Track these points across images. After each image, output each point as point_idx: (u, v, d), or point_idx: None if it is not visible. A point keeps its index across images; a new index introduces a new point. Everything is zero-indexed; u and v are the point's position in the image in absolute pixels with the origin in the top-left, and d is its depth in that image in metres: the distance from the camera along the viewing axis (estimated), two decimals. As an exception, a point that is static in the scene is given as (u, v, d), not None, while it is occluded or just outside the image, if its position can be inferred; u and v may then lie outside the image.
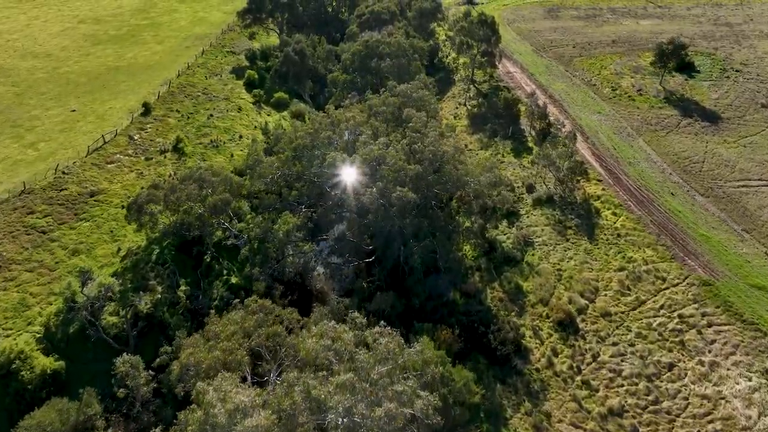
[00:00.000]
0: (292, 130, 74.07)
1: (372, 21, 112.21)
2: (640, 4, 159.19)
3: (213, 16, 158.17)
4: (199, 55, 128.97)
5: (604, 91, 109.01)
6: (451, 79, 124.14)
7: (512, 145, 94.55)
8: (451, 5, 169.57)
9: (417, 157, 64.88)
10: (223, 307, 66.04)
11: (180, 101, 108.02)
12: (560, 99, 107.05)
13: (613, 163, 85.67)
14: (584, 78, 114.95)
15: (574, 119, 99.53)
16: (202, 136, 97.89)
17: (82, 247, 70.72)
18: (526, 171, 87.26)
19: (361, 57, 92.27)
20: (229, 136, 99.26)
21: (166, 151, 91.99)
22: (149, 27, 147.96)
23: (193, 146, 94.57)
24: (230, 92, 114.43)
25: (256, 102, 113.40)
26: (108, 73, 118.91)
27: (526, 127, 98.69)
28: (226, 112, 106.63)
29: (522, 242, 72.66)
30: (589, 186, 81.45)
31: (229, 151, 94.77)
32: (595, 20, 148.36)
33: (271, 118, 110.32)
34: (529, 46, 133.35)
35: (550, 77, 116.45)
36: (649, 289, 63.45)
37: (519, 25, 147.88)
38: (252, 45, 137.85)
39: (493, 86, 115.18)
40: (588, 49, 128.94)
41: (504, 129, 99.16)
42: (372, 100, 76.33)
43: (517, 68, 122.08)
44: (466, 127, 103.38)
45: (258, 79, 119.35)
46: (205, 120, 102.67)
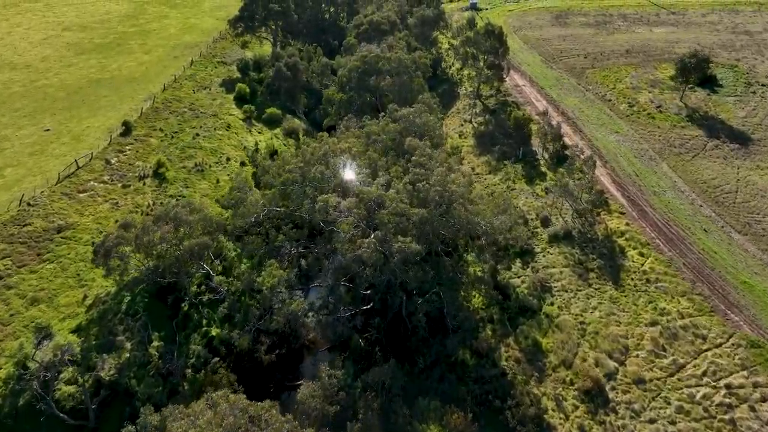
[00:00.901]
0: (280, 161, 65.14)
1: (371, 32, 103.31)
2: (652, 10, 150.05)
3: (204, 22, 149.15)
4: (187, 66, 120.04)
5: (621, 107, 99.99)
6: (455, 92, 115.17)
7: (523, 170, 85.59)
8: (454, 11, 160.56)
9: (421, 196, 56.00)
10: (201, 367, 57.58)
11: (164, 118, 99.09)
12: (574, 116, 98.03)
13: (636, 193, 76.74)
14: (598, 92, 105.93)
15: (590, 140, 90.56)
16: (186, 158, 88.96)
17: (42, 295, 61.87)
18: (540, 200, 78.35)
19: (359, 74, 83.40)
20: (216, 159, 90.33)
21: (145, 176, 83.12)
22: (137, 35, 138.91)
23: (176, 170, 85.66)
24: (219, 108, 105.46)
25: (247, 118, 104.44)
26: (89, 86, 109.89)
27: (538, 149, 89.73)
28: (213, 130, 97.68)
29: (539, 287, 63.81)
30: (610, 219, 72.54)
31: (214, 176, 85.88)
32: (606, 27, 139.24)
33: (263, 136, 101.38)
34: (537, 57, 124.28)
35: (562, 91, 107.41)
36: (688, 350, 54.61)
37: (526, 32, 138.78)
38: (244, 54, 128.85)
39: (501, 101, 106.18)
40: (600, 60, 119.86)
41: (514, 150, 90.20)
42: (370, 127, 67.40)
43: (526, 81, 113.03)
44: (472, 148, 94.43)
45: (249, 93, 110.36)
46: (190, 140, 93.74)
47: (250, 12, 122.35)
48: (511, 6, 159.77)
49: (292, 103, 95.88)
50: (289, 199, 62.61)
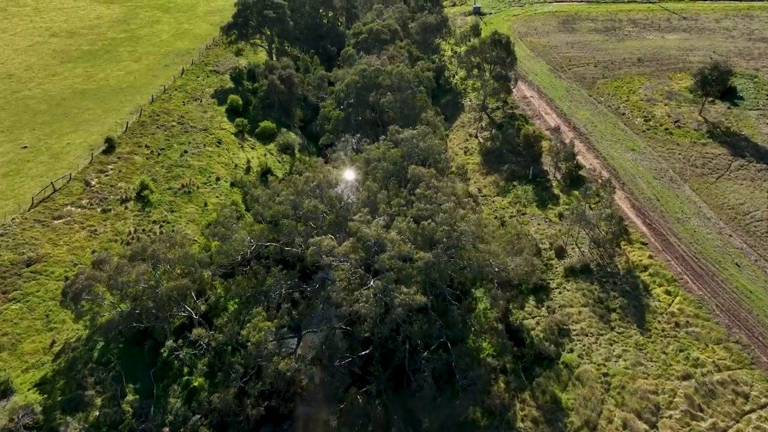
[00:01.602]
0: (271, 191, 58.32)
1: (371, 41, 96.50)
2: (663, 15, 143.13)
3: (198, 28, 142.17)
4: (178, 75, 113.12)
5: (636, 121, 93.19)
6: (459, 103, 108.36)
7: (534, 191, 78.88)
8: (457, 15, 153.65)
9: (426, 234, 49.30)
10: (180, 425, 51.00)
11: (151, 133, 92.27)
12: (586, 132, 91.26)
13: (658, 220, 70.03)
14: (611, 105, 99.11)
15: (605, 158, 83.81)
16: (173, 178, 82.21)
17: (5, 341, 55.21)
18: (553, 227, 71.65)
19: (357, 89, 76.61)
20: (205, 178, 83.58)
21: (127, 199, 76.40)
22: (127, 41, 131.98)
23: (161, 192, 78.95)
24: (210, 121, 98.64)
25: (239, 132, 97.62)
26: (73, 98, 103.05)
27: (549, 168, 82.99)
28: (203, 146, 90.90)
29: (556, 331, 57.14)
30: (632, 251, 65.85)
31: (202, 199, 79.15)
32: (615, 34, 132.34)
33: (255, 152, 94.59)
34: (545, 65, 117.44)
35: (572, 104, 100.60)
36: (729, 411, 47.99)
37: (532, 39, 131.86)
38: (238, 63, 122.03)
39: (508, 114, 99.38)
40: (611, 69, 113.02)
41: (524, 169, 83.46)
42: (369, 152, 60.66)
43: (534, 92, 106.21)
44: (478, 166, 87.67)
45: (242, 104, 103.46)
46: (177, 157, 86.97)
47: (243, 18, 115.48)
48: (516, 10, 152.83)
49: (286, 117, 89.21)
50: (280, 233, 55.87)
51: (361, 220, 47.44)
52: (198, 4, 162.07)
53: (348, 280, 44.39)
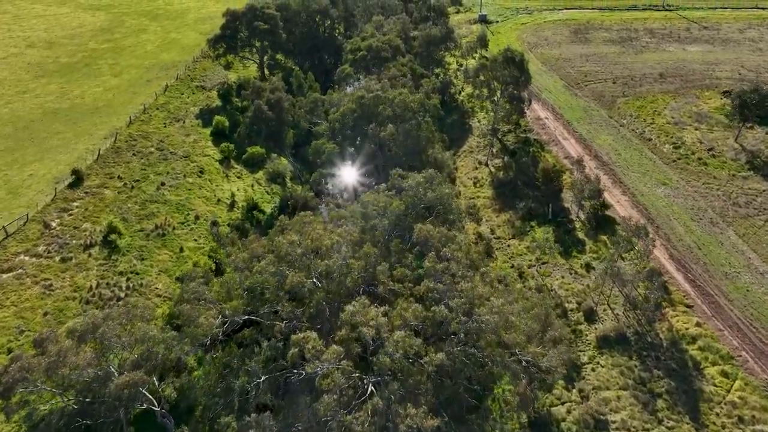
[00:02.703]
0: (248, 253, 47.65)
1: (370, 60, 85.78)
2: (682, 24, 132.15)
3: (186, 37, 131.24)
4: (160, 92, 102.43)
5: (664, 149, 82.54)
6: (466, 124, 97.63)
7: (555, 234, 68.34)
8: (462, 23, 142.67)
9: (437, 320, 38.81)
10: None
11: (126, 162, 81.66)
12: (609, 161, 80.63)
13: (701, 274, 59.49)
14: (635, 128, 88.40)
15: (633, 194, 73.23)
16: (146, 217, 71.65)
17: (-76, 442, 44.79)
18: (580, 281, 61.13)
19: (355, 119, 66.01)
20: (182, 217, 73.00)
21: (92, 245, 65.89)
22: (109, 53, 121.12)
23: (132, 235, 68.42)
24: (192, 146, 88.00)
25: (225, 159, 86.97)
26: (43, 119, 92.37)
27: (571, 206, 72.41)
28: (182, 177, 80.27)
29: (591, 424, 46.68)
30: (675, 315, 55.36)
31: (178, 243, 68.59)
32: (632, 45, 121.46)
33: (242, 182, 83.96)
34: (559, 80, 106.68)
35: (592, 127, 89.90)
36: None
37: (543, 50, 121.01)
38: (227, 77, 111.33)
39: (521, 139, 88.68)
40: (632, 86, 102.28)
41: (542, 206, 72.89)
42: (367, 205, 50.04)
43: (549, 112, 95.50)
44: (490, 201, 77.05)
45: (229, 126, 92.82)
46: (153, 191, 76.38)
47: (232, 30, 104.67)
48: (524, 18, 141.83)
49: (275, 144, 78.62)
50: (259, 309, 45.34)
51: (356, 310, 37.01)
52: (188, 10, 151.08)
53: (339, 391, 33.98)
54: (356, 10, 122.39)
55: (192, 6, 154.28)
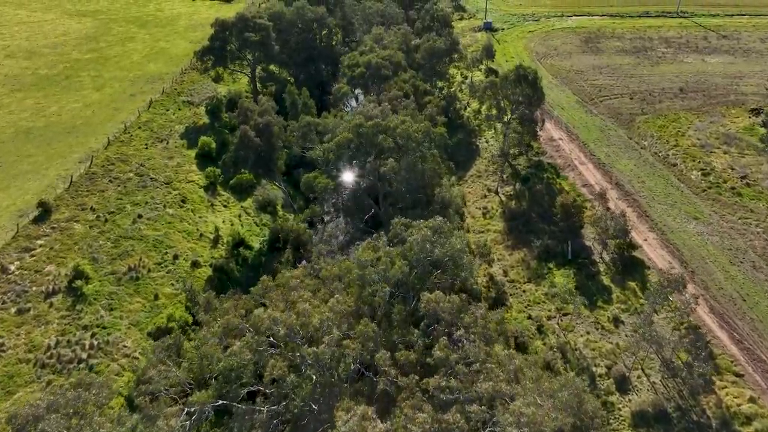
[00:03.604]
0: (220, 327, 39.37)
1: (368, 78, 77.30)
2: (698, 32, 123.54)
3: (176, 47, 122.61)
4: (144, 108, 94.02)
5: (692, 176, 74.26)
6: (473, 144, 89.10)
7: (576, 278, 60.11)
8: (466, 30, 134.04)
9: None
10: None
11: (100, 190, 73.40)
12: (632, 190, 72.35)
13: (750, 334, 51.26)
14: (657, 151, 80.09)
15: (662, 230, 64.98)
16: (119, 257, 63.38)
17: None
18: (608, 338, 52.91)
19: (352, 151, 57.62)
20: (159, 256, 64.68)
21: (54, 292, 57.73)
22: (92, 63, 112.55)
23: (101, 279, 60.20)
24: (175, 171, 79.65)
25: (210, 185, 78.62)
26: (14, 139, 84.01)
27: (593, 244, 64.14)
28: (162, 207, 71.94)
29: None
30: (723, 385, 47.15)
31: (152, 288, 60.34)
32: (648, 55, 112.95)
33: (229, 211, 75.59)
34: (571, 95, 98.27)
35: (610, 149, 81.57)
36: None
37: (553, 61, 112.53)
38: (216, 91, 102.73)
39: (534, 163, 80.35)
40: (651, 102, 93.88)
41: (560, 244, 64.62)
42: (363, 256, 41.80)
43: (563, 132, 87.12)
44: (502, 235, 68.71)
45: (216, 147, 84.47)
46: (129, 225, 68.10)
47: (221, 41, 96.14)
48: (531, 26, 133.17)
49: (265, 172, 70.29)
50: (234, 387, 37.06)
51: (352, 428, 28.86)
52: (180, 17, 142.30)
53: None
54: (355, 18, 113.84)
55: (183, 12, 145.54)
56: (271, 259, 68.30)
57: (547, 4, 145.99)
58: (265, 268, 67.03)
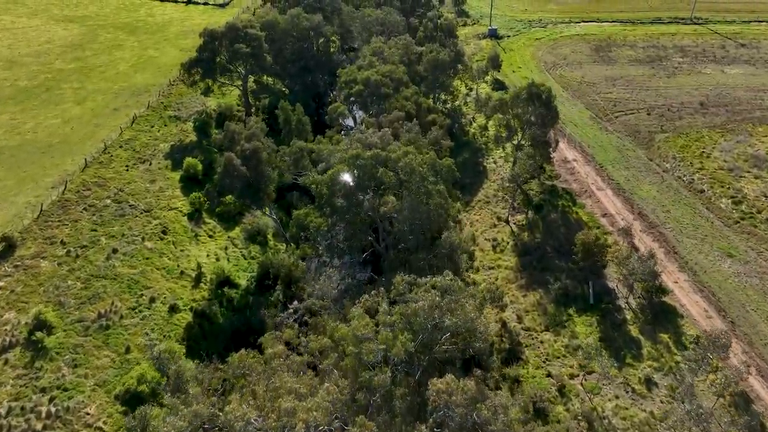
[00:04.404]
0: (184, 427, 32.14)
1: (367, 96, 69.72)
2: (715, 40, 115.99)
3: (165, 55, 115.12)
4: (127, 124, 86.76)
5: (721, 204, 66.97)
6: (480, 164, 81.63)
7: (600, 328, 52.85)
8: (470, 37, 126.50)
9: None
10: None
11: (73, 220, 66.17)
12: (657, 221, 65.08)
13: (805, 402, 43.96)
14: (681, 175, 72.79)
15: (693, 270, 57.72)
16: (88, 300, 56.17)
17: None
18: (639, 405, 45.67)
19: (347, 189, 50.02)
20: (134, 299, 57.38)
21: (12, 346, 50.77)
22: (76, 74, 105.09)
23: (66, 328, 53.00)
24: (157, 197, 72.36)
25: (195, 212, 71.25)
26: (-17, 161, 76.71)
27: (617, 285, 56.87)
28: (141, 240, 64.61)
29: None
30: (779, 471, 39.88)
31: (124, 339, 53.05)
32: (663, 66, 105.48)
33: (215, 242, 68.19)
34: (584, 110, 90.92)
35: (630, 173, 74.27)
36: None
37: (563, 71, 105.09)
38: (205, 104, 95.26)
39: (547, 188, 73.00)
40: (670, 118, 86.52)
41: (580, 285, 57.38)
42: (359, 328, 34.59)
43: (577, 152, 79.79)
44: (514, 273, 61.37)
45: (203, 168, 77.15)
46: (102, 261, 60.87)
47: (210, 52, 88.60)
48: (538, 32, 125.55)
49: (253, 201, 62.99)
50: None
51: None
52: (171, 22, 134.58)
53: None
54: (353, 26, 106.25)
55: (175, 17, 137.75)
56: (260, 300, 61.06)
57: (554, 10, 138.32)
58: (252, 311, 59.93)
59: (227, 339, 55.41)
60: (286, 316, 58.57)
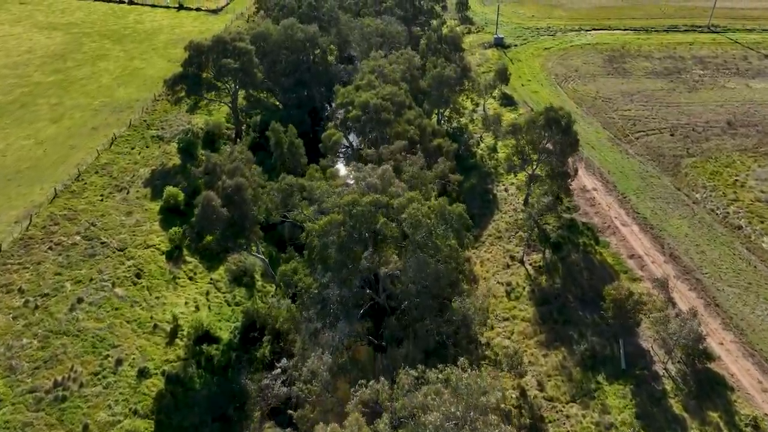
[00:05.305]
0: None
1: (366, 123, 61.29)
2: (735, 50, 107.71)
3: (152, 66, 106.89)
4: (105, 146, 78.78)
5: (763, 243, 58.92)
6: (490, 192, 73.46)
7: (635, 400, 44.85)
8: (474, 46, 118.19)
9: None
10: None
11: (36, 262, 58.18)
12: (691, 264, 57.01)
13: None
14: (714, 207, 64.67)
15: (741, 329, 49.69)
16: (44, 365, 48.21)
17: None
18: None
19: (342, 240, 41.87)
20: (98, 361, 49.40)
21: (-51, 426, 42.47)
22: (55, 88, 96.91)
23: (15, 401, 45.09)
24: (132, 232, 64.28)
25: (175, 249, 63.17)
26: (-57, 191, 68.63)
27: (652, 347, 48.85)
28: (110, 287, 56.58)
29: None
30: None
31: (81, 414, 45.02)
32: (683, 79, 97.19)
33: (195, 287, 60.00)
34: (601, 130, 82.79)
35: (656, 204, 66.17)
36: None
37: (575, 85, 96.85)
38: (192, 123, 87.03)
39: (566, 222, 64.76)
40: (695, 140, 78.41)
41: (609, 345, 49.36)
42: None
43: (596, 179, 71.69)
44: (532, 326, 53.30)
45: (185, 198, 68.93)
46: (64, 314, 52.87)
47: (196, 67, 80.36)
48: (547, 41, 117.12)
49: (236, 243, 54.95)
50: None
51: None
52: (160, 30, 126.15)
53: None
54: (352, 36, 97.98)
55: (165, 24, 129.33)
56: (244, 357, 53.08)
57: (563, 16, 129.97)
58: (234, 371, 51.95)
59: (204, 410, 47.45)
60: (273, 378, 50.88)
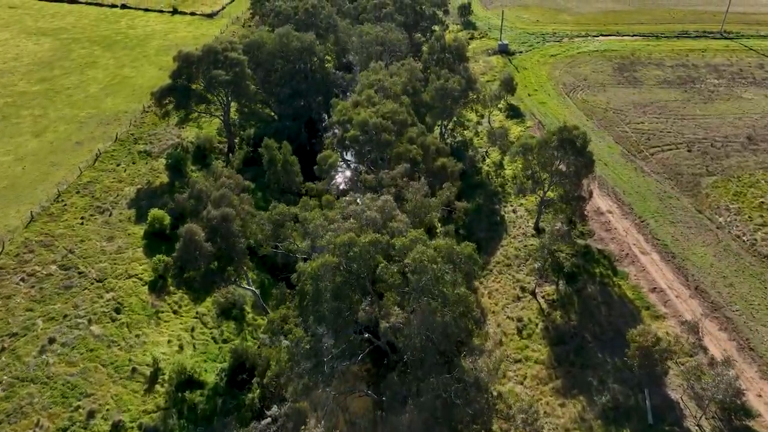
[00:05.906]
0: None
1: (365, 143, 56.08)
2: (750, 58, 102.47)
3: (142, 74, 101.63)
4: (88, 163, 73.65)
5: (795, 275, 53.65)
6: (497, 213, 68.31)
7: (665, 461, 39.71)
8: (478, 53, 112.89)
9: None
10: None
11: (6, 296, 53.17)
12: (719, 299, 51.89)
13: None
14: (740, 233, 59.53)
15: (777, 375, 44.46)
16: (8, 418, 43.04)
17: None
18: None
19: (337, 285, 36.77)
20: (68, 414, 44.30)
21: None
22: (40, 98, 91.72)
23: (-27, 463, 39.87)
24: (113, 260, 59.13)
25: (158, 280, 58.00)
26: None
27: (682, 398, 43.70)
28: (86, 324, 51.51)
29: None
30: None
31: (47, 480, 39.91)
32: (697, 89, 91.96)
33: (180, 322, 54.82)
34: (614, 145, 77.61)
35: (677, 229, 61.00)
36: None
37: (584, 96, 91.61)
38: (182, 136, 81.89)
39: (581, 249, 59.57)
40: (715, 156, 73.25)
41: (634, 395, 44.26)
42: None
43: (611, 201, 66.51)
44: (546, 369, 48.24)
45: (171, 222, 63.66)
46: (33, 357, 47.84)
47: (185, 78, 75.12)
48: (553, 48, 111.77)
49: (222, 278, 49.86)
50: None
51: None
52: (152, 36, 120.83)
53: None
54: (351, 44, 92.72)
55: (158, 30, 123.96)
56: (231, 403, 47.98)
57: (568, 21, 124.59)
58: (220, 419, 46.86)
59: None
60: (262, 429, 45.79)
